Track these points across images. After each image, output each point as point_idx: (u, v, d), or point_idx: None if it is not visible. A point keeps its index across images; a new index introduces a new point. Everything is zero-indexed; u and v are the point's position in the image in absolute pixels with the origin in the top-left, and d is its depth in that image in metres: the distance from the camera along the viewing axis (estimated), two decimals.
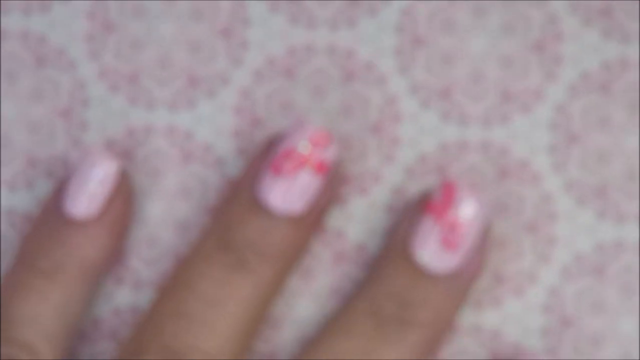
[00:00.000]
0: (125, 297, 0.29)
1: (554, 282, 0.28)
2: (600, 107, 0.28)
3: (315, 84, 0.29)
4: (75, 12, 0.29)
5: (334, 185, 0.28)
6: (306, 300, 0.28)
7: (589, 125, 0.28)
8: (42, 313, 0.27)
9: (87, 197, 0.28)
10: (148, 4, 0.29)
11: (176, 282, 0.27)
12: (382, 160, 0.29)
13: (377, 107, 0.29)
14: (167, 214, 0.29)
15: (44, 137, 0.29)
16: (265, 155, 0.27)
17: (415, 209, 0.27)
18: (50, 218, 0.28)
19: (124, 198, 0.28)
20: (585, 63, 0.28)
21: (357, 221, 0.29)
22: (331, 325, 0.27)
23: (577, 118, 0.28)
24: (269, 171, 0.27)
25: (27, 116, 0.29)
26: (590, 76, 0.28)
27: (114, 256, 0.28)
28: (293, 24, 0.29)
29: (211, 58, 0.29)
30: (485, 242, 0.27)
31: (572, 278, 0.28)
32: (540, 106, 0.28)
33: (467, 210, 0.26)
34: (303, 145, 0.27)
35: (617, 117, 0.28)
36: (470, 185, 0.28)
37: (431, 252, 0.26)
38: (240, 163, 0.29)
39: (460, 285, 0.27)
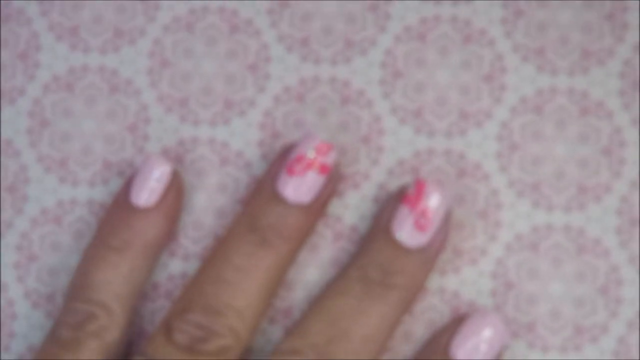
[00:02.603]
0: (177, 266, 0.32)
1: (499, 255, 0.31)
2: (535, 124, 0.31)
3: (320, 106, 0.32)
4: (139, 52, 0.32)
5: (334, 182, 0.30)
6: (313, 268, 0.31)
7: (526, 137, 0.31)
8: (113, 280, 0.29)
9: (148, 191, 0.30)
10: (194, 47, 0.32)
11: (215, 255, 0.30)
12: (370, 163, 0.32)
13: (366, 123, 0.32)
14: (208, 204, 0.32)
15: (115, 147, 0.32)
16: (282, 159, 0.30)
17: (395, 199, 0.30)
18: (119, 207, 0.30)
19: (176, 192, 0.30)
20: (524, 90, 0.31)
21: (351, 209, 0.31)
22: (330, 288, 0.30)
23: (517, 132, 0.31)
24: (285, 171, 0.29)
25: (103, 130, 0.32)
26: (527, 100, 0.31)
27: (168, 236, 0.31)
28: (303, 61, 0.32)
29: (242, 87, 0.32)
30: (447, 224, 0.29)
31: (514, 252, 0.31)
32: (489, 123, 0.32)
33: (433, 201, 0.29)
34: (310, 152, 0.29)
35: (548, 131, 0.31)
36: (437, 182, 0.31)
37: (407, 232, 0.29)
38: (264, 166, 0.32)
39: (429, 257, 0.29)
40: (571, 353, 0.30)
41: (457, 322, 0.29)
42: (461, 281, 0.31)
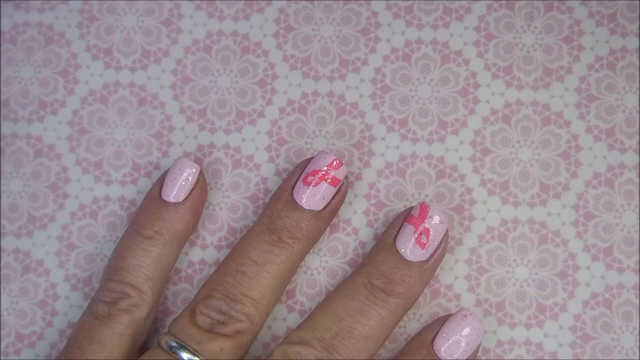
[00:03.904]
0: (196, 254, 0.34)
1: (473, 244, 0.33)
2: (503, 131, 0.34)
3: (319, 116, 0.34)
4: (164, 69, 0.35)
5: (343, 193, 0.32)
6: (312, 255, 0.33)
7: (496, 143, 0.34)
8: (144, 264, 0.31)
9: (178, 189, 0.32)
10: (211, 65, 0.34)
11: (236, 250, 0.31)
12: (362, 165, 0.34)
13: (359, 131, 0.34)
14: (222, 200, 0.34)
15: (143, 151, 0.34)
16: (299, 171, 0.32)
17: (401, 218, 0.31)
18: (152, 201, 0.32)
19: (201, 189, 0.32)
20: (494, 102, 0.34)
21: (345, 205, 0.33)
22: (338, 290, 0.31)
23: (488, 138, 0.34)
24: (301, 182, 0.31)
25: (133, 137, 0.34)
26: (497, 111, 0.34)
27: (193, 227, 0.33)
28: (305, 77, 0.34)
29: (252, 100, 0.34)
30: (445, 244, 0.31)
31: (485, 242, 0.33)
32: (465, 131, 0.34)
33: (434, 223, 0.31)
34: (324, 167, 0.31)
35: (514, 138, 0.33)
36: (438, 207, 0.33)
37: (409, 248, 0.31)
38: (271, 168, 0.34)
39: (427, 270, 0.31)
40: (535, 328, 0.33)
41: (440, 320, 0.31)
42: (440, 267, 0.33)
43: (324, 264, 0.34)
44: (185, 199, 0.32)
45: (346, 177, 0.32)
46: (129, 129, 0.35)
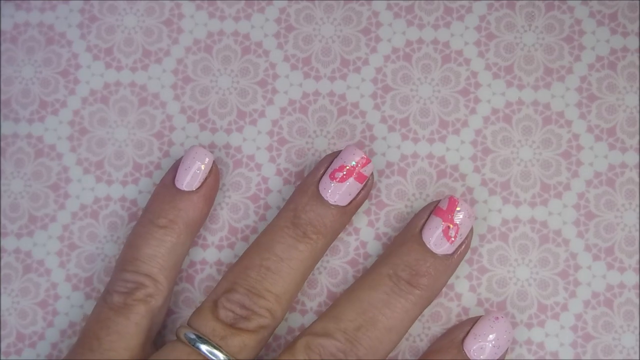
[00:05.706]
0: (198, 254, 0.34)
1: (474, 244, 0.33)
2: (504, 131, 0.34)
3: (320, 116, 0.34)
4: (165, 69, 0.35)
5: (368, 189, 0.32)
6: None
7: (497, 143, 0.34)
8: (159, 254, 0.31)
9: (191, 177, 0.32)
10: (212, 65, 0.35)
11: (260, 244, 0.31)
12: None
13: (360, 131, 0.34)
14: (224, 200, 0.34)
15: (144, 151, 0.35)
16: (326, 165, 0.32)
17: (428, 210, 0.32)
18: (166, 190, 0.32)
19: (214, 178, 0.32)
20: (495, 102, 0.34)
21: None
22: (363, 280, 0.31)
23: (489, 138, 0.34)
24: (327, 177, 0.31)
25: (134, 137, 0.35)
26: (498, 111, 0.34)
27: (206, 216, 0.33)
28: (306, 77, 0.34)
29: (253, 99, 0.35)
30: (470, 237, 0.31)
31: (487, 241, 0.33)
32: (465, 130, 0.34)
33: (461, 217, 0.31)
34: (351, 163, 0.31)
35: (515, 137, 0.34)
36: (466, 201, 0.33)
37: (435, 240, 0.31)
38: (272, 167, 0.34)
39: (451, 264, 0.31)
40: (536, 327, 0.33)
41: (471, 321, 0.32)
42: None
43: (325, 264, 0.34)
44: (199, 187, 0.32)
45: (372, 173, 0.32)
46: (130, 128, 0.35)
